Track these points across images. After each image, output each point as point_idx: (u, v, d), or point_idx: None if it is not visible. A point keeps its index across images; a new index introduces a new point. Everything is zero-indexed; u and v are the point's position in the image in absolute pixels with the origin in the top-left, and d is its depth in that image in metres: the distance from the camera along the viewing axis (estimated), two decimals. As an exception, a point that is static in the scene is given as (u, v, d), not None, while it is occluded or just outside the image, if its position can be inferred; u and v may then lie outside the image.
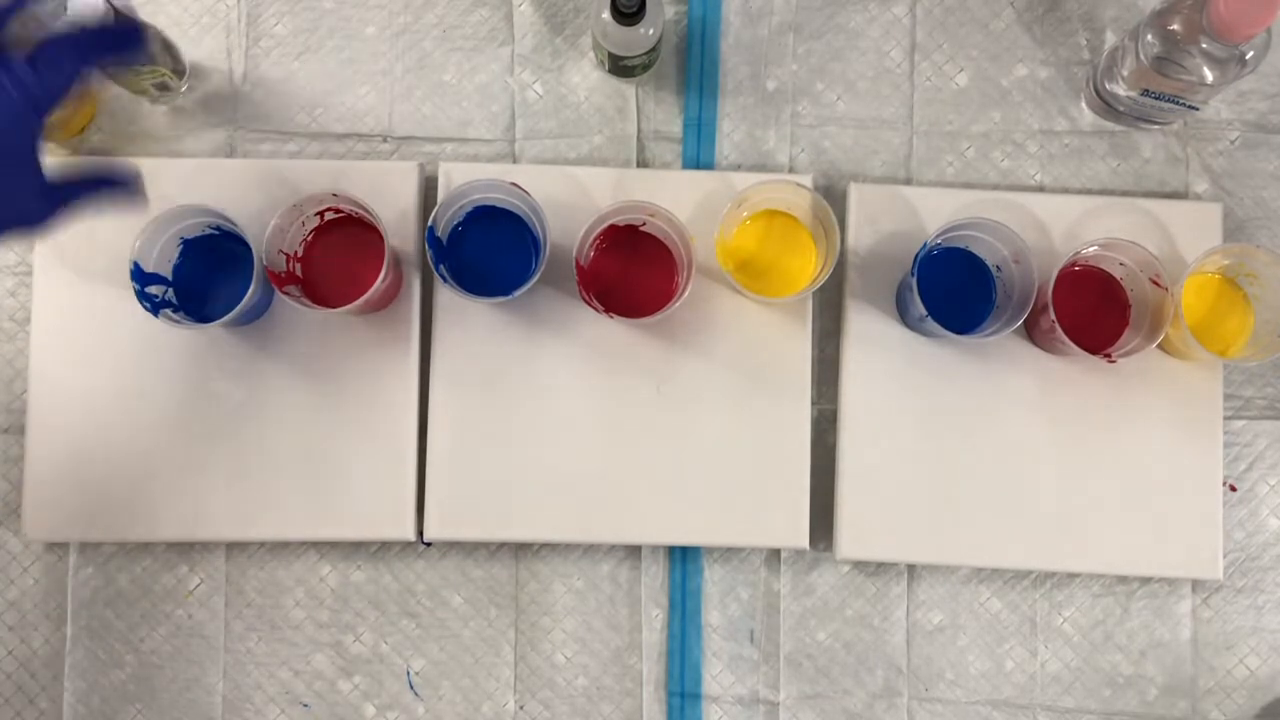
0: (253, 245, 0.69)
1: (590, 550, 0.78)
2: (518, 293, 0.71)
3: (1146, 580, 0.78)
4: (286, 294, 0.67)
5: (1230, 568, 0.78)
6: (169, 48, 0.74)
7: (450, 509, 0.75)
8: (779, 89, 0.81)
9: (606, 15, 0.71)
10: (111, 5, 0.67)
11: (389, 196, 0.76)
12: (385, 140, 0.80)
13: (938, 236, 0.72)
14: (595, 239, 0.75)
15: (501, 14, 0.81)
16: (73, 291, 0.76)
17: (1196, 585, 0.78)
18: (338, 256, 0.74)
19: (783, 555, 0.78)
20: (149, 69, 0.72)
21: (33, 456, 0.74)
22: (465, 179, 0.72)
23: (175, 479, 0.75)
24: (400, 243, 0.76)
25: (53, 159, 0.55)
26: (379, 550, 0.77)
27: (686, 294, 0.71)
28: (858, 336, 0.77)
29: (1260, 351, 0.73)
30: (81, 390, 0.75)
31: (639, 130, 0.80)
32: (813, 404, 0.77)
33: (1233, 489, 0.78)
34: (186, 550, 0.77)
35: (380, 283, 0.69)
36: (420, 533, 0.75)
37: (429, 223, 0.71)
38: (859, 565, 0.78)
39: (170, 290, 0.73)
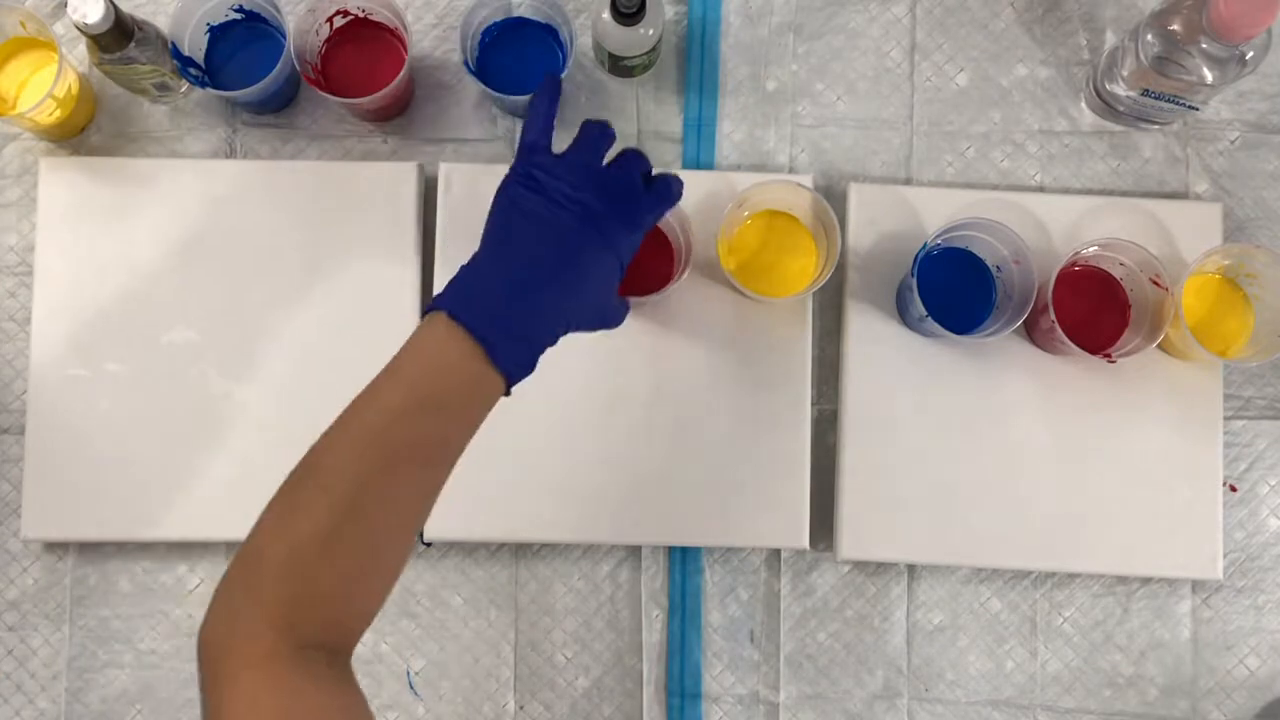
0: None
1: (590, 550, 0.78)
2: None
3: (1146, 580, 0.78)
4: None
5: (1230, 568, 0.78)
6: (169, 48, 0.74)
7: (450, 509, 0.74)
8: (779, 89, 0.81)
9: (606, 15, 0.71)
10: (113, 5, 0.67)
11: (389, 197, 0.76)
12: (385, 140, 0.80)
13: (938, 237, 0.72)
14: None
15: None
16: (73, 291, 0.75)
17: (1196, 585, 0.78)
18: (356, 61, 0.77)
19: (783, 555, 0.77)
20: (149, 68, 0.72)
21: (32, 456, 0.74)
22: (466, 179, 0.72)
23: (175, 479, 0.75)
24: (400, 242, 0.76)
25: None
26: (379, 550, 0.77)
27: (685, 275, 0.71)
28: (858, 336, 0.77)
29: (1260, 351, 0.73)
30: (81, 390, 0.75)
31: (639, 130, 0.80)
32: (813, 404, 0.77)
33: (1233, 489, 0.78)
34: (186, 550, 0.77)
35: (399, 80, 0.72)
36: (420, 533, 0.75)
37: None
38: (859, 565, 0.78)
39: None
